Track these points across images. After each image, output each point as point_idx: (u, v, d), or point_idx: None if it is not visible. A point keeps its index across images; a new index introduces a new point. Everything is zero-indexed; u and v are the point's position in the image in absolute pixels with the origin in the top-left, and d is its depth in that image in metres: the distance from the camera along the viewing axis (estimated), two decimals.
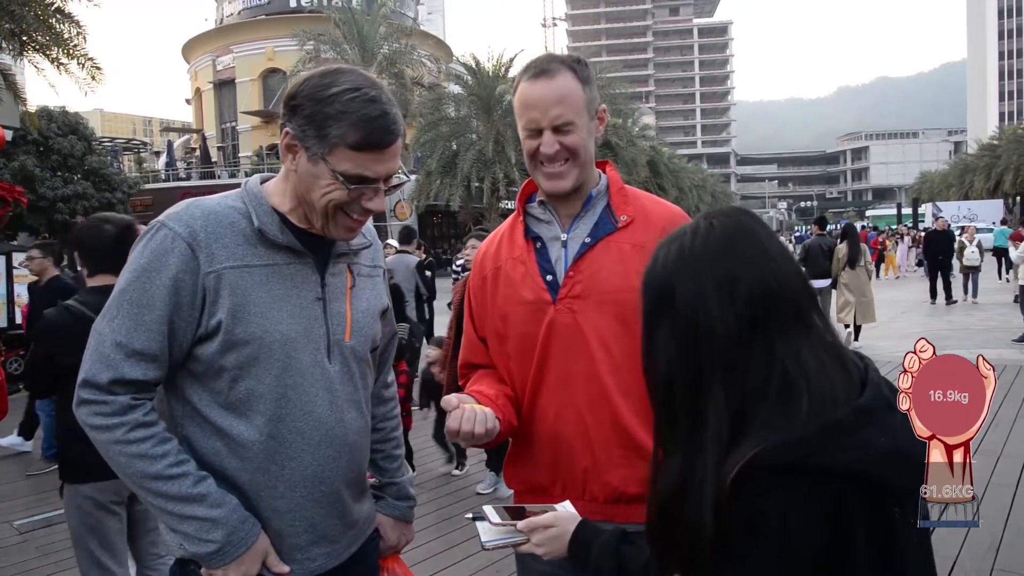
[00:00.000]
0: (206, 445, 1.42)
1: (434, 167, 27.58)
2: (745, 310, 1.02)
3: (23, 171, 22.73)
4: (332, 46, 27.57)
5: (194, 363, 1.41)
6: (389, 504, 1.78)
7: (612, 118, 32.46)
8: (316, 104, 1.38)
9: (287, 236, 1.45)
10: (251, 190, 1.49)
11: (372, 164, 1.41)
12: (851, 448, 0.94)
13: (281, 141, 1.44)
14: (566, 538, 1.29)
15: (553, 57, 1.73)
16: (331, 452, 1.48)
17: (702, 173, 70.99)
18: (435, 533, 4.40)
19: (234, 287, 1.38)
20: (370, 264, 1.65)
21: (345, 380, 1.52)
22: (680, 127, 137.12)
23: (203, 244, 1.38)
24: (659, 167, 45.83)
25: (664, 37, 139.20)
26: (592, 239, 1.68)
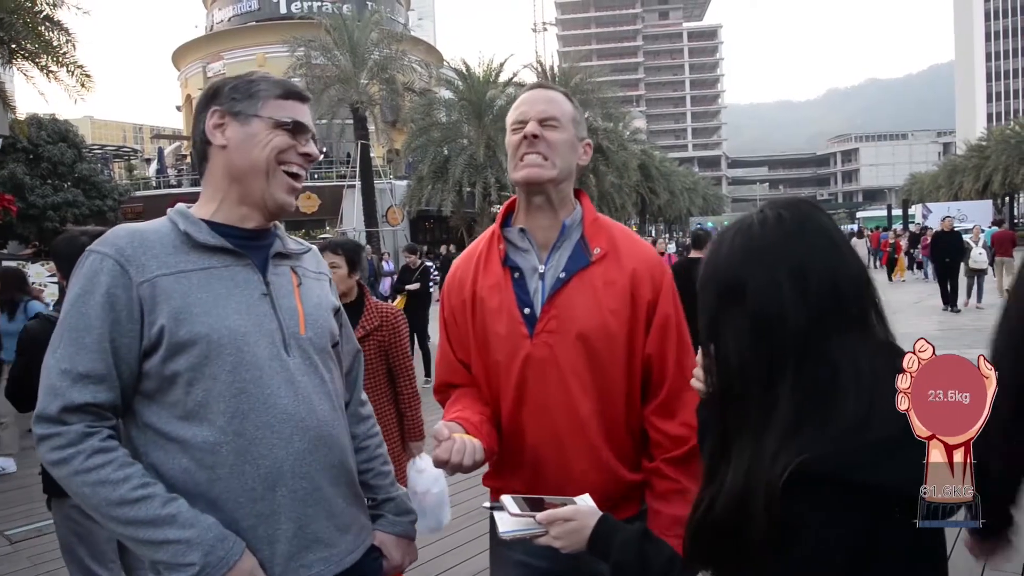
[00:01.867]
0: (173, 465, 1.37)
1: (425, 172, 27.54)
2: (814, 301, 1.01)
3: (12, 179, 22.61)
4: (322, 52, 27.50)
5: (146, 381, 1.38)
6: (389, 521, 1.73)
7: (603, 122, 32.57)
8: (238, 79, 1.53)
9: (216, 238, 1.45)
10: (176, 209, 1.52)
11: (298, 112, 1.53)
12: (898, 467, 0.94)
13: (207, 126, 1.50)
14: (586, 532, 1.28)
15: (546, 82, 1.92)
16: (305, 445, 1.44)
17: (693, 176, 71.23)
18: (431, 537, 4.38)
19: (170, 292, 1.38)
20: (315, 269, 1.66)
21: (308, 372, 1.49)
22: (671, 130, 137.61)
23: (131, 258, 1.38)
24: (650, 170, 45.91)
25: (654, 41, 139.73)
26: (567, 274, 1.70)
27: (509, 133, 1.76)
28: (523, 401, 1.71)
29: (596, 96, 32.33)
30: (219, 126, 1.49)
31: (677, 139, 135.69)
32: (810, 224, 1.06)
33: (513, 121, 1.75)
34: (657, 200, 48.28)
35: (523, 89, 1.82)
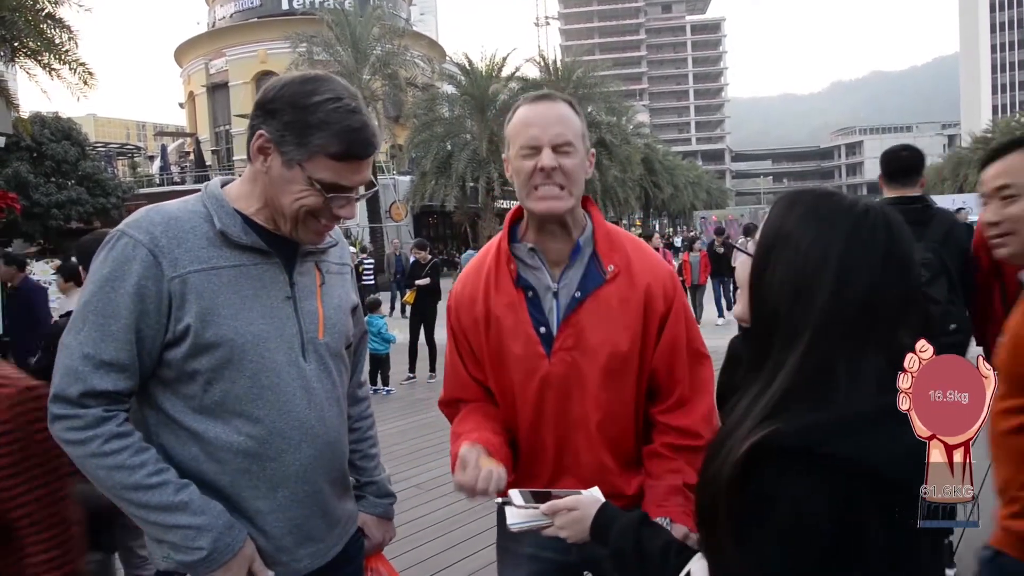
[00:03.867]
0: (183, 452, 1.40)
1: (428, 167, 27.55)
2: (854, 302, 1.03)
3: (17, 177, 22.69)
4: (325, 48, 27.50)
5: (165, 370, 1.39)
6: (371, 503, 1.79)
7: (606, 116, 32.50)
8: (298, 111, 1.38)
9: (251, 237, 1.44)
10: (212, 193, 1.47)
11: (349, 174, 1.42)
12: (866, 442, 0.95)
13: (253, 143, 1.42)
14: (587, 521, 1.30)
15: (550, 92, 1.79)
16: (312, 451, 1.48)
17: (697, 170, 71.10)
18: (435, 532, 4.39)
19: (200, 290, 1.37)
20: (338, 262, 1.65)
21: (322, 378, 1.51)
22: (674, 124, 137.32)
23: (165, 249, 1.36)
24: (654, 164, 45.86)
25: (657, 35, 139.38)
26: (582, 293, 1.68)
27: (517, 154, 1.66)
28: (541, 419, 1.71)
29: (599, 90, 32.30)
30: (263, 151, 1.42)
31: (680, 133, 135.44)
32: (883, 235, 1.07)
33: (523, 144, 1.64)
34: (661, 194, 48.22)
35: (526, 98, 1.74)
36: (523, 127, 1.66)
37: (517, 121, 1.68)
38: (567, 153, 1.64)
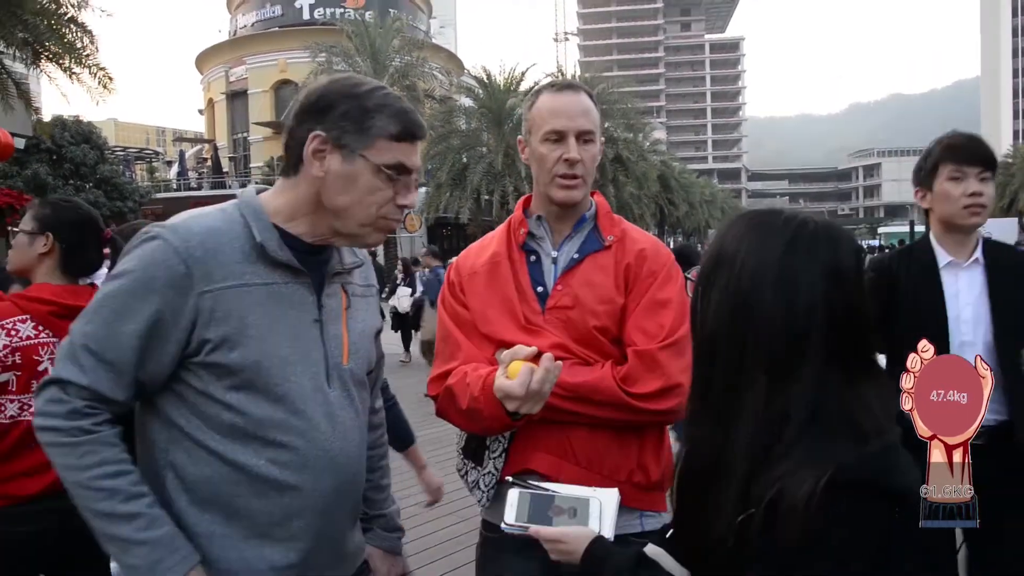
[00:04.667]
0: (196, 471, 1.34)
1: (444, 179, 27.60)
2: (798, 319, 1.01)
3: (36, 179, 22.88)
4: (344, 58, 27.68)
5: (181, 386, 1.33)
6: (378, 535, 1.71)
7: (623, 132, 32.50)
8: (353, 99, 1.36)
9: (286, 253, 1.37)
10: (249, 203, 1.41)
11: (409, 154, 1.40)
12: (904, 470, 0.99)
13: (307, 148, 1.36)
14: (577, 555, 1.23)
15: (573, 81, 1.89)
16: (333, 482, 1.41)
17: (713, 188, 71.07)
18: (439, 553, 4.29)
19: (230, 309, 1.31)
20: (363, 284, 1.59)
21: (345, 405, 1.45)
22: (691, 142, 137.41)
23: (199, 260, 1.30)
24: (670, 181, 45.78)
25: (676, 52, 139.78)
26: (580, 255, 1.76)
27: (541, 140, 1.74)
28: None
29: (618, 107, 32.27)
30: (319, 153, 1.36)
31: (697, 151, 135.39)
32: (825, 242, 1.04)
33: (550, 130, 1.73)
34: (676, 211, 48.10)
35: (549, 85, 1.80)
36: (550, 115, 1.74)
37: (543, 108, 1.76)
38: (590, 142, 1.76)
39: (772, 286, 1.02)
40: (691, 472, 1.13)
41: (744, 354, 1.03)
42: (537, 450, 1.66)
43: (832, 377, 1.01)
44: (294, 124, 1.39)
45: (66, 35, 11.48)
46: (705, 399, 1.10)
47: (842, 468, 0.95)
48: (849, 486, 0.95)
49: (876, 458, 0.97)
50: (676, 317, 1.68)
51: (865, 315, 1.06)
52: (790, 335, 1.00)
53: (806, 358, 1.00)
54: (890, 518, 0.97)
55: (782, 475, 0.97)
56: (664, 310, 1.69)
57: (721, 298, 1.06)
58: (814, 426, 0.99)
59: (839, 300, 1.02)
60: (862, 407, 1.00)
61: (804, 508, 0.94)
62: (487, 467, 1.73)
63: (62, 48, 11.40)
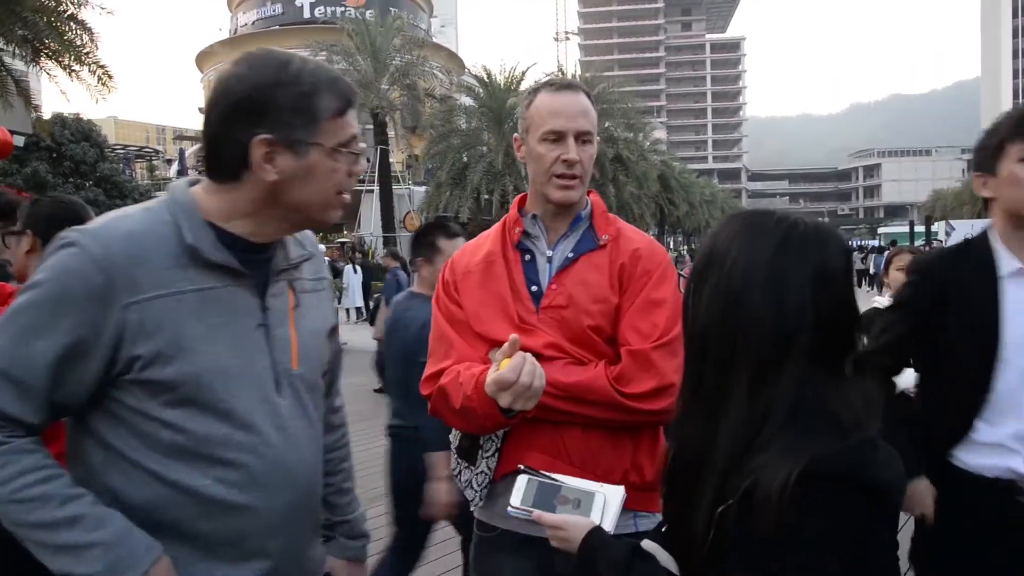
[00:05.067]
0: (137, 494, 1.21)
1: (444, 179, 27.57)
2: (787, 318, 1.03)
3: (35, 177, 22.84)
4: (344, 57, 27.64)
5: (114, 404, 1.22)
6: (341, 545, 1.60)
7: (623, 132, 32.47)
8: (289, 87, 1.23)
9: (223, 254, 1.25)
10: (179, 200, 1.27)
11: (353, 123, 1.32)
12: (881, 466, 1.00)
13: (253, 155, 1.22)
14: (574, 544, 1.25)
15: (571, 80, 1.92)
16: (289, 497, 1.31)
17: (713, 188, 70.98)
18: (435, 554, 4.27)
19: (161, 320, 1.19)
20: (313, 277, 1.47)
21: (298, 415, 1.35)
22: (691, 142, 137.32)
23: (121, 269, 1.17)
24: (670, 181, 45.72)
25: (676, 52, 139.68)
26: (575, 254, 1.76)
27: (539, 140, 1.74)
28: None
29: (618, 106, 32.24)
30: (267, 156, 1.23)
31: (697, 151, 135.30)
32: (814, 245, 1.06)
33: (548, 130, 1.73)
34: (676, 211, 48.06)
35: (547, 84, 1.80)
36: (549, 115, 1.73)
37: (541, 108, 1.75)
38: (587, 143, 1.76)
39: (762, 286, 1.03)
40: (678, 468, 1.14)
41: (734, 352, 1.05)
42: (531, 449, 1.65)
43: (816, 375, 1.03)
44: (222, 129, 1.25)
45: (66, 32, 11.50)
46: (695, 396, 1.11)
47: (817, 460, 0.96)
48: (825, 478, 0.96)
49: (853, 452, 0.98)
50: (670, 317, 1.68)
51: (852, 315, 1.08)
52: (778, 334, 1.02)
53: (791, 357, 1.02)
54: (867, 512, 0.98)
55: (758, 467, 0.99)
56: (658, 310, 1.68)
57: (712, 296, 1.08)
58: (794, 422, 1.01)
59: (827, 301, 1.04)
60: (843, 403, 1.02)
61: (777, 499, 0.95)
62: (480, 467, 1.73)
63: (62, 46, 11.42)
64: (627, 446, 1.68)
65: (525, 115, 1.80)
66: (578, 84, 1.84)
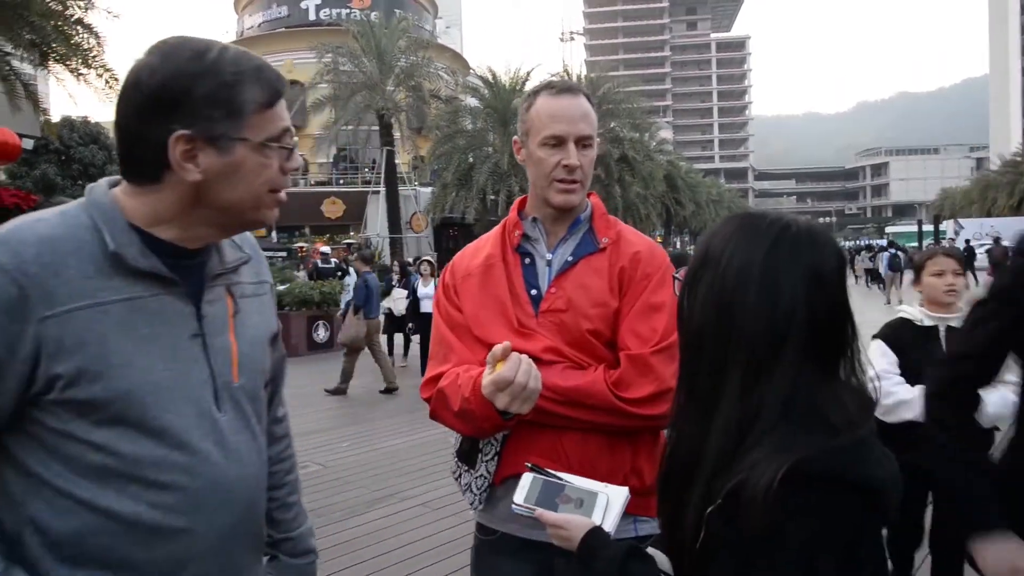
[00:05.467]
0: (61, 524, 1.10)
1: (450, 179, 27.60)
2: (780, 319, 1.03)
3: (44, 180, 23.01)
4: (350, 58, 27.70)
5: (34, 426, 1.10)
6: (284, 564, 1.47)
7: (629, 132, 32.44)
8: (208, 77, 1.11)
9: (150, 260, 1.14)
10: (98, 201, 1.16)
11: (283, 116, 1.20)
12: (872, 466, 0.99)
13: (172, 153, 1.11)
14: (574, 543, 1.26)
15: (571, 83, 1.86)
16: (230, 519, 1.21)
17: (719, 188, 70.84)
18: (441, 554, 4.28)
19: (83, 334, 1.07)
20: (254, 281, 1.37)
21: (240, 429, 1.25)
22: (697, 141, 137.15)
23: (35, 278, 1.05)
24: (676, 181, 45.67)
25: (682, 52, 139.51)
26: (574, 257, 1.75)
27: (540, 144, 1.73)
28: None
29: (623, 106, 32.22)
30: (188, 154, 1.12)
31: (703, 150, 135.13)
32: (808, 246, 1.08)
33: (549, 135, 1.72)
34: (682, 211, 47.99)
35: (547, 87, 1.79)
36: (549, 119, 1.73)
37: (542, 112, 1.74)
38: (588, 147, 1.75)
39: (755, 286, 1.04)
40: (673, 468, 1.15)
41: (727, 351, 1.05)
42: (530, 453, 1.65)
43: (808, 375, 1.03)
44: (134, 124, 1.13)
45: (73, 36, 11.55)
46: (690, 396, 1.12)
47: (806, 460, 0.96)
48: (813, 478, 0.96)
49: (843, 451, 0.98)
50: (670, 321, 1.66)
51: (845, 315, 1.08)
52: (771, 334, 1.03)
53: (784, 356, 1.03)
54: (860, 513, 0.98)
55: (747, 466, 0.99)
56: (657, 314, 1.68)
57: (706, 296, 1.09)
58: (785, 421, 1.01)
59: (820, 301, 1.05)
60: (835, 403, 1.02)
61: (763, 498, 0.95)
62: (479, 470, 1.73)
63: (69, 49, 11.46)
64: (626, 451, 1.67)
65: (525, 118, 1.79)
66: (578, 87, 1.82)
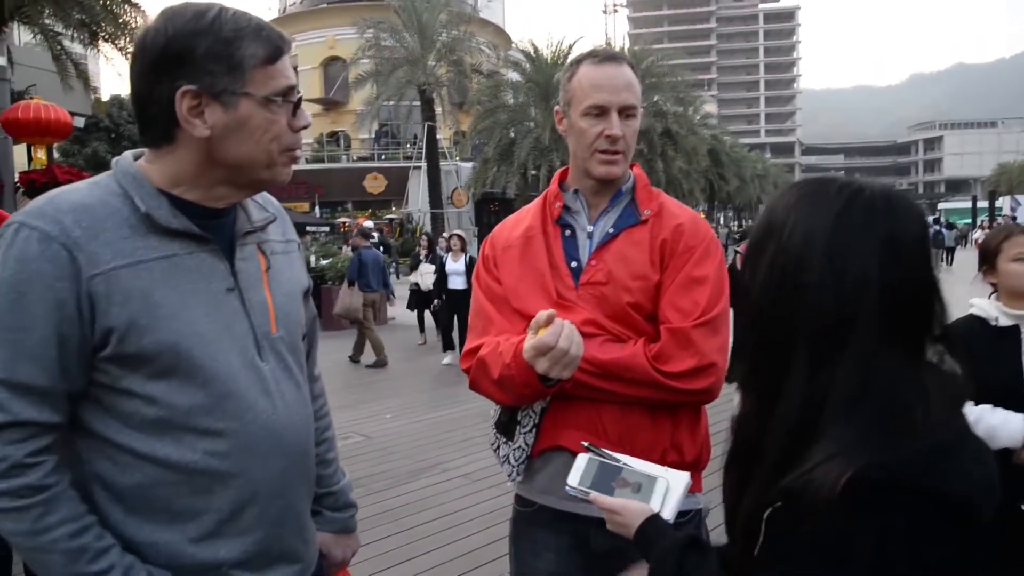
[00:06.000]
0: (125, 479, 1.18)
1: (491, 154, 27.52)
2: (849, 294, 0.93)
3: (95, 157, 23.57)
4: (391, 34, 27.69)
5: (94, 388, 1.17)
6: (327, 518, 1.56)
7: (673, 106, 31.92)
8: (208, 34, 1.17)
9: (181, 220, 1.20)
10: (126, 170, 1.22)
11: (287, 73, 1.25)
12: (956, 474, 0.87)
13: (179, 107, 1.16)
14: (631, 530, 1.21)
15: (614, 51, 1.84)
16: (283, 462, 1.28)
17: (764, 163, 69.42)
18: (480, 525, 4.33)
19: (129, 290, 1.14)
20: (282, 239, 1.43)
21: (284, 377, 1.32)
22: (743, 115, 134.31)
23: (80, 242, 1.11)
24: (720, 156, 44.87)
25: (728, 23, 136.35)
26: (615, 230, 1.73)
27: (581, 114, 1.71)
28: None
29: (667, 80, 31.69)
30: (195, 110, 1.17)
31: (749, 124, 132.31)
32: (884, 211, 0.96)
33: (591, 104, 1.69)
34: (726, 187, 47.21)
35: (591, 55, 1.75)
36: (592, 89, 1.70)
37: (584, 81, 1.72)
38: (632, 117, 1.72)
39: (821, 258, 0.95)
40: (736, 449, 1.09)
41: (791, 329, 0.97)
42: (567, 427, 1.65)
43: (886, 359, 0.92)
44: (144, 86, 1.19)
45: (121, 15, 11.75)
46: (754, 373, 1.05)
47: (873, 466, 0.85)
48: (882, 487, 0.85)
49: (919, 456, 0.86)
50: (712, 295, 1.64)
51: (931, 291, 0.97)
52: (839, 312, 0.93)
53: (855, 335, 0.92)
54: (941, 527, 0.86)
55: (810, 467, 0.89)
56: (700, 287, 1.65)
57: (769, 270, 1.00)
58: (854, 413, 0.90)
59: (898, 275, 0.94)
60: (916, 394, 0.90)
61: (826, 508, 0.86)
62: (517, 442, 1.73)
63: (117, 28, 11.68)
64: (666, 425, 1.65)
65: (567, 87, 1.76)
66: (622, 55, 1.78)
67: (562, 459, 1.66)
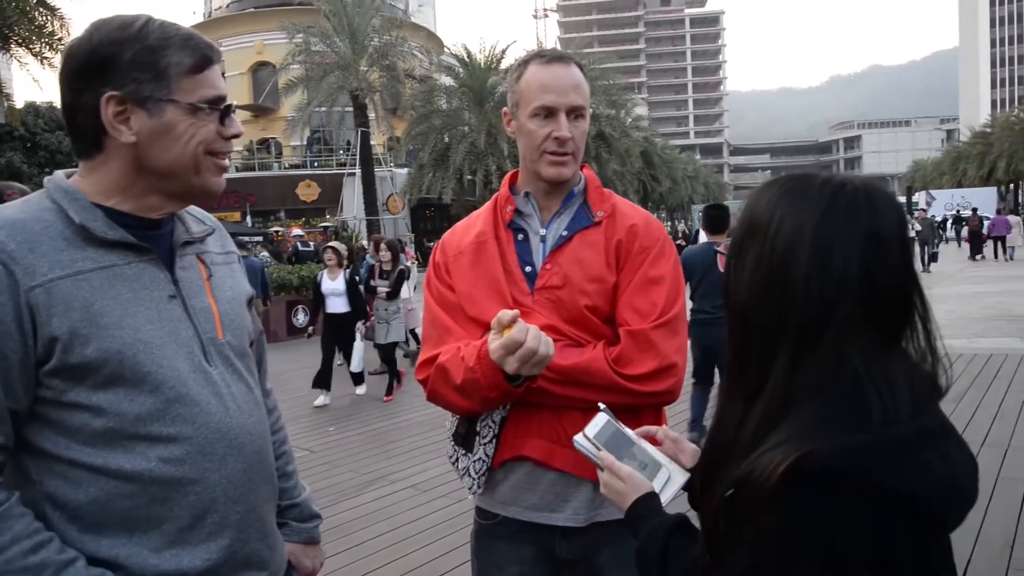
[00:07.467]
0: (79, 496, 1.15)
1: (426, 160, 27.40)
2: (832, 288, 0.93)
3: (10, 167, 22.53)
4: (322, 38, 27.26)
5: (39, 405, 1.14)
6: (294, 529, 1.56)
7: (605, 109, 32.37)
8: (133, 43, 1.18)
9: (117, 231, 1.20)
10: (58, 185, 1.22)
11: (216, 83, 1.26)
12: (910, 471, 0.86)
13: (104, 114, 1.17)
14: (626, 500, 1.21)
15: (562, 51, 1.80)
16: (240, 464, 1.26)
17: (695, 163, 71.06)
18: (432, 536, 4.27)
19: (70, 300, 1.12)
20: (221, 251, 1.43)
21: (235, 380, 1.31)
22: (673, 117, 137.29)
23: (16, 256, 1.10)
24: (652, 158, 45.73)
25: (656, 27, 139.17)
26: (569, 232, 1.70)
27: (530, 115, 1.67)
28: None
29: (600, 83, 32.11)
30: (120, 116, 1.18)
31: (679, 126, 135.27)
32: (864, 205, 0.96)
33: (539, 106, 1.66)
34: (659, 187, 48.10)
35: (538, 56, 1.72)
36: (540, 90, 1.67)
37: (532, 82, 1.68)
38: (580, 118, 1.70)
39: (808, 254, 0.94)
40: (710, 450, 1.08)
41: (777, 326, 0.96)
42: (529, 435, 1.62)
43: (859, 352, 0.92)
44: (72, 94, 1.20)
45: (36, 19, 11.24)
46: (742, 374, 1.03)
47: (817, 455, 0.84)
48: (823, 477, 0.84)
49: (870, 448, 0.85)
50: (669, 295, 1.64)
51: (909, 280, 0.97)
52: (822, 304, 0.93)
53: (831, 327, 0.92)
54: (895, 524, 0.85)
55: (758, 454, 0.90)
56: (657, 288, 1.64)
57: (754, 269, 0.99)
58: (816, 402, 0.90)
59: (879, 267, 0.94)
60: (885, 389, 0.89)
61: (764, 495, 0.86)
62: (477, 453, 1.69)
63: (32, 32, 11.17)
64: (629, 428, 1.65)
65: (515, 88, 1.72)
66: (569, 56, 1.75)
67: (524, 469, 1.64)
